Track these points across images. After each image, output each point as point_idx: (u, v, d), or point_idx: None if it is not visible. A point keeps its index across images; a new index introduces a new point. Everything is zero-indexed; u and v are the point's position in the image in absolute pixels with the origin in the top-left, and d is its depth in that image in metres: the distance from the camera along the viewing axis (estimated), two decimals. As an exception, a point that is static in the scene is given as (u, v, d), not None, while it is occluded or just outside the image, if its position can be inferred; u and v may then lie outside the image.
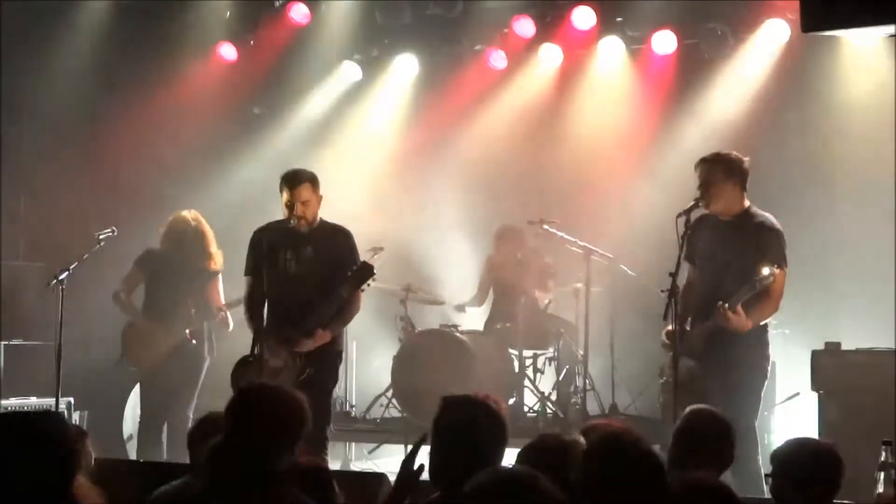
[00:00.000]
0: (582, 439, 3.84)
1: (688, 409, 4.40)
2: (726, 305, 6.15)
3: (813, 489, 3.93)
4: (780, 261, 6.31)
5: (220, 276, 8.39)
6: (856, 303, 9.06)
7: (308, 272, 6.70)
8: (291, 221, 6.66)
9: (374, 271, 6.62)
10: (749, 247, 6.30)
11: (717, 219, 6.50)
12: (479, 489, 2.68)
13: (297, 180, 6.69)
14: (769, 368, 6.52)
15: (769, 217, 6.48)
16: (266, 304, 6.66)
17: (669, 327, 6.34)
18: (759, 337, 6.44)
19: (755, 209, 6.51)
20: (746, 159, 6.50)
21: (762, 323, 6.41)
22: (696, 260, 6.48)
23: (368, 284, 6.64)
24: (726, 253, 6.39)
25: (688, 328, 6.39)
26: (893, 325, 7.92)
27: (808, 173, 9.63)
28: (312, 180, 6.74)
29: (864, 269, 9.17)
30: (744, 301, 6.19)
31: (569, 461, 3.54)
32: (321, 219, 6.84)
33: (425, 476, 3.92)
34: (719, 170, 6.41)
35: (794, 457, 4.06)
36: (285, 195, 6.69)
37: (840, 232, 9.34)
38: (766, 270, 6.10)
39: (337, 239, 6.81)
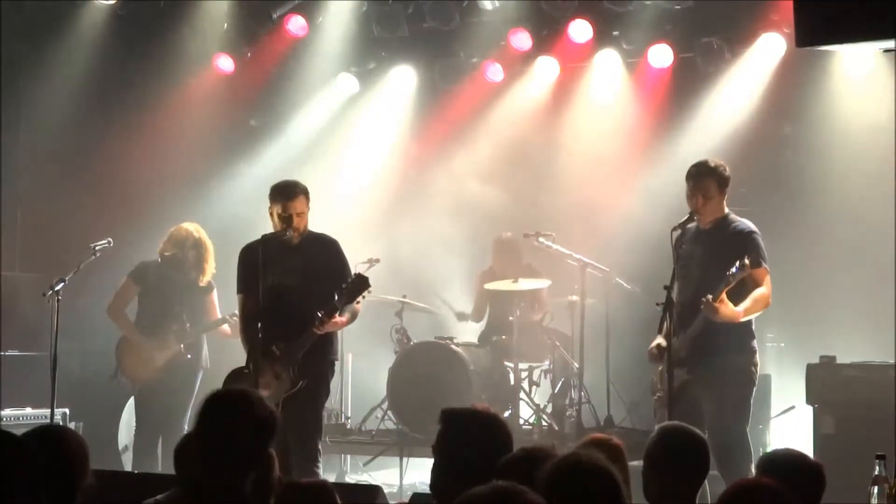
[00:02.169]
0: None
1: (658, 427, 4.36)
2: (710, 297, 6.17)
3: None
4: (759, 261, 6.33)
5: (215, 289, 8.40)
6: (851, 316, 9.06)
7: (298, 283, 6.68)
8: (287, 233, 6.65)
9: (370, 283, 6.63)
10: (728, 251, 6.28)
11: (697, 228, 6.53)
12: (468, 502, 2.68)
13: (292, 192, 6.71)
14: (756, 373, 6.51)
15: (746, 222, 6.52)
16: (259, 317, 6.65)
17: (657, 340, 6.36)
18: (743, 342, 6.43)
19: (733, 215, 6.55)
20: (726, 165, 6.56)
21: (747, 325, 6.40)
22: (677, 270, 6.47)
23: (363, 297, 6.65)
24: (704, 259, 6.41)
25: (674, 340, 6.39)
26: (888, 338, 7.93)
27: (804, 187, 9.65)
28: (305, 192, 6.76)
29: (860, 283, 9.17)
30: (735, 294, 6.21)
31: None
32: (308, 229, 6.83)
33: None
34: (713, 183, 6.46)
35: (780, 466, 4.03)
36: (279, 208, 6.69)
37: (836, 245, 9.35)
38: (736, 265, 6.12)
39: (325, 248, 6.80)
